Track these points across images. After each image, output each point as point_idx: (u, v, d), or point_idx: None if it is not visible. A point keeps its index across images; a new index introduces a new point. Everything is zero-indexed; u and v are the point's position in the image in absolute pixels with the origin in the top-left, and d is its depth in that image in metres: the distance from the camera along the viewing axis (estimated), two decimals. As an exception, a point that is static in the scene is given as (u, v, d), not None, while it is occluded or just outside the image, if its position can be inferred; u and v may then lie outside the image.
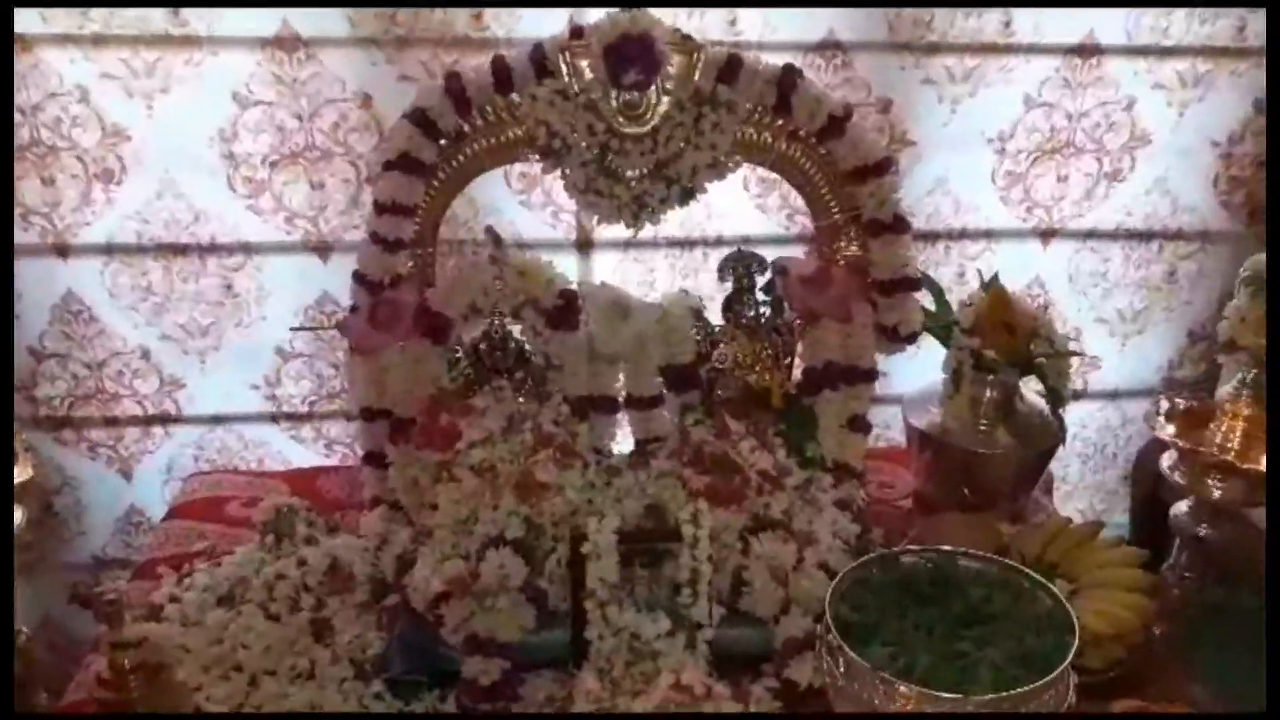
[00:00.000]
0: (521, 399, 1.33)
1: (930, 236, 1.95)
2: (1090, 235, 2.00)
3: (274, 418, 1.96)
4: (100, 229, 1.78)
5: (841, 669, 1.01)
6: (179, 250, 1.81)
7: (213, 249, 1.82)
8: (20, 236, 1.75)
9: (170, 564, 1.43)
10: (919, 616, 1.07)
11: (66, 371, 1.88)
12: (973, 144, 1.90)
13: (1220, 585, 1.38)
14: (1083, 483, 2.23)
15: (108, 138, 1.73)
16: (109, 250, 1.80)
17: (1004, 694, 0.94)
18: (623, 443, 1.38)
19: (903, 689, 0.96)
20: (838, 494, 1.33)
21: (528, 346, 1.34)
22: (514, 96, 1.28)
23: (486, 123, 1.29)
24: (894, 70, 1.81)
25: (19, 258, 1.75)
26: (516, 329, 1.33)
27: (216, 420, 1.95)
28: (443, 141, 1.29)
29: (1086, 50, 1.85)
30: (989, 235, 1.98)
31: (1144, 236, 2.01)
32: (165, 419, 1.94)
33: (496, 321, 1.32)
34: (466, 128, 1.29)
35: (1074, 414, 2.07)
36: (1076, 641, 1.00)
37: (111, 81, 1.69)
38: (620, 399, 1.35)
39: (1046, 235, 2.00)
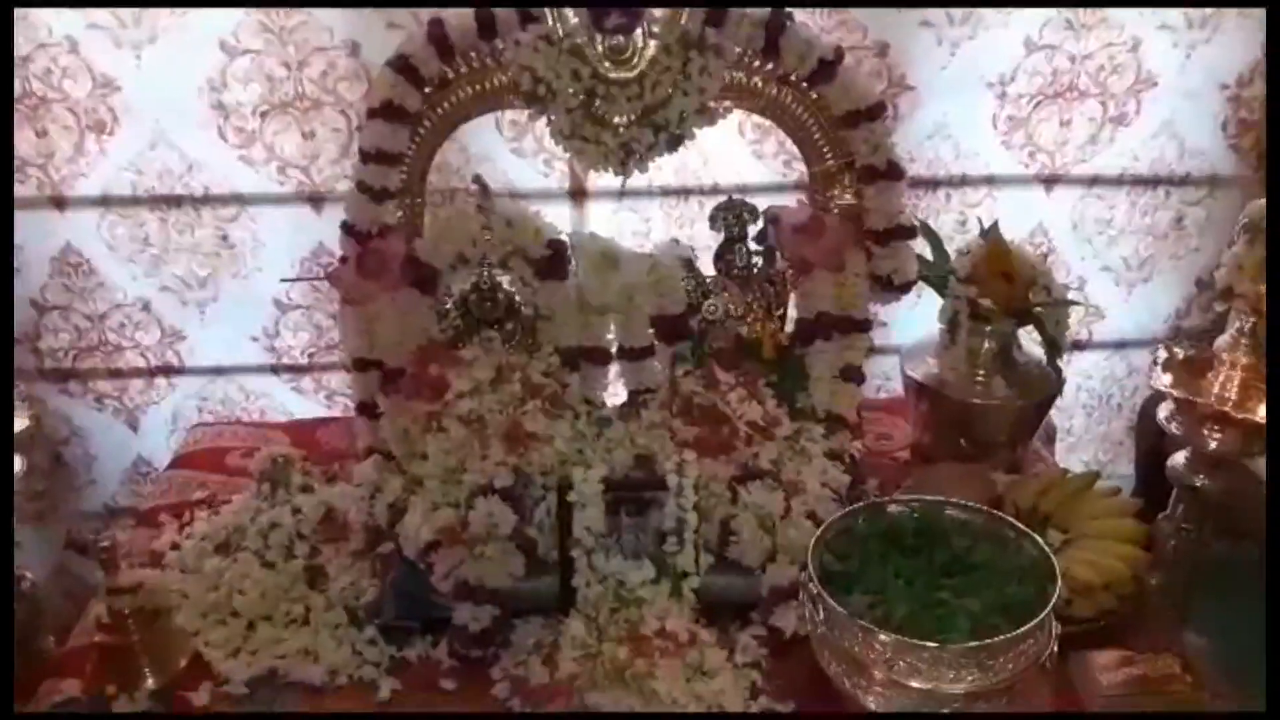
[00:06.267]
0: (510, 350, 1.33)
1: (930, 183, 1.92)
2: (1095, 181, 1.96)
3: (274, 369, 1.98)
4: (95, 180, 1.79)
5: (822, 617, 1.02)
6: (174, 201, 1.81)
7: (207, 200, 1.81)
8: (17, 189, 1.76)
9: (172, 513, 1.46)
10: (901, 566, 1.08)
11: (69, 323, 1.90)
12: (973, 88, 1.86)
13: (1218, 536, 1.38)
14: (1087, 434, 2.21)
15: (98, 88, 1.72)
16: (105, 202, 1.80)
17: (979, 643, 0.95)
18: (616, 394, 1.38)
19: (880, 637, 0.97)
20: (828, 444, 1.33)
21: (517, 297, 1.33)
22: (498, 42, 1.26)
23: (471, 69, 1.28)
24: (891, 12, 1.76)
25: (17, 209, 1.76)
26: (506, 279, 1.33)
27: (217, 372, 1.97)
28: (427, 89, 1.27)
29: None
30: (990, 182, 1.94)
31: (1150, 182, 1.96)
32: (168, 370, 1.96)
33: (485, 272, 1.32)
34: (451, 74, 1.27)
35: (1079, 364, 2.06)
36: (1058, 591, 1.00)
37: (99, 31, 1.67)
38: (611, 350, 1.35)
39: (1049, 181, 1.96)
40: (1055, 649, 1.01)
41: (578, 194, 1.86)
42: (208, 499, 1.48)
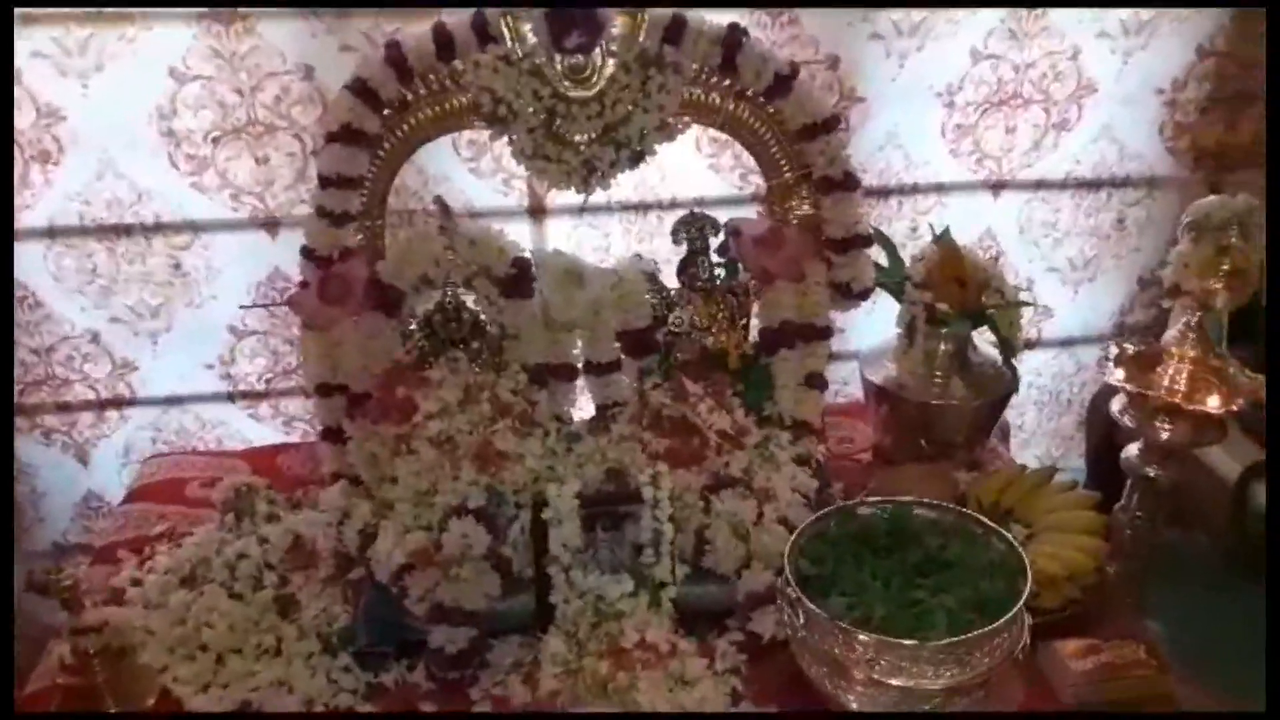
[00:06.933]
0: (478, 369, 1.32)
1: (882, 192, 1.96)
2: (1040, 185, 2.02)
3: (230, 396, 1.95)
4: (41, 212, 1.75)
5: (801, 620, 1.03)
6: (123, 231, 1.78)
7: (158, 228, 1.79)
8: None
9: (130, 548, 1.42)
10: (876, 567, 1.09)
11: (15, 357, 1.85)
12: (921, 98, 1.90)
13: (1171, 524, 1.42)
14: (1039, 429, 2.27)
15: (43, 118, 1.69)
16: (51, 233, 1.77)
17: (958, 638, 0.96)
18: (583, 409, 1.38)
19: (861, 637, 0.98)
20: (796, 450, 1.34)
21: (482, 316, 1.33)
22: (457, 63, 1.26)
23: (430, 91, 1.27)
24: (841, 26, 1.80)
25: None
26: (470, 299, 1.32)
27: (171, 401, 1.93)
28: (386, 111, 1.27)
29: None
30: (940, 189, 1.99)
31: (1092, 185, 2.03)
32: (120, 402, 1.92)
33: (449, 292, 1.31)
34: (409, 96, 1.27)
35: (1029, 362, 2.12)
36: (1029, 586, 1.02)
37: (43, 60, 1.64)
38: (579, 365, 1.35)
39: (997, 187, 2.01)
40: (1028, 640, 1.04)
41: (537, 211, 1.86)
42: (168, 532, 1.45)
